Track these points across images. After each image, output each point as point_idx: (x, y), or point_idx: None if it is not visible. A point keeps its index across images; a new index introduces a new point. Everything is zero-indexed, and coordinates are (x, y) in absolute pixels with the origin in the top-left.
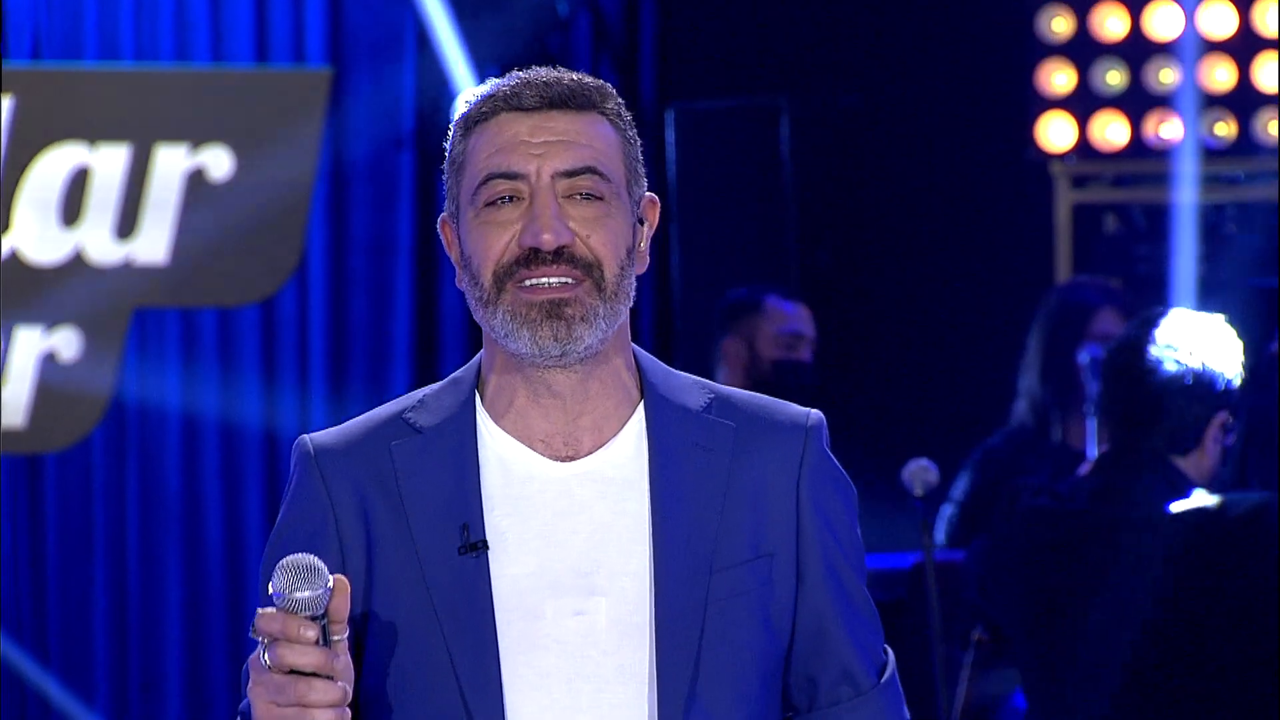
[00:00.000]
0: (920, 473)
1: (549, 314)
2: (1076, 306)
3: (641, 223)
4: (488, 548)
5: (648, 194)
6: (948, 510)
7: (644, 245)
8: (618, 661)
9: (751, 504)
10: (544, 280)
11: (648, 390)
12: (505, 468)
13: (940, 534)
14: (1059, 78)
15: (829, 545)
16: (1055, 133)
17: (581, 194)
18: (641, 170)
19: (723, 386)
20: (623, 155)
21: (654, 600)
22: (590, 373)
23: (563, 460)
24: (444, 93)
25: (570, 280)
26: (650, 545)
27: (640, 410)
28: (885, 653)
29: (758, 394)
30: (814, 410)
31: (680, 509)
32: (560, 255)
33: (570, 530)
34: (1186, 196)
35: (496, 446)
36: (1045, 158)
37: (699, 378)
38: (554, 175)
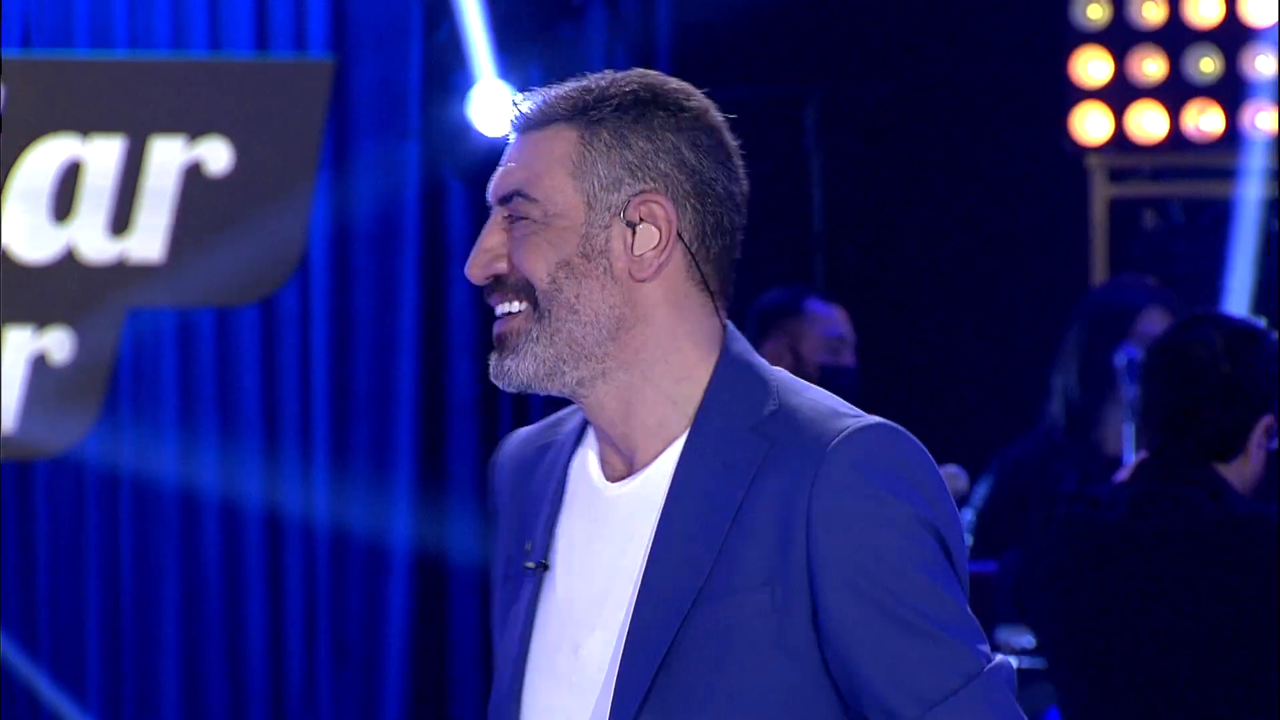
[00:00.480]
0: (949, 480)
1: (494, 347)
2: (1120, 306)
3: (633, 226)
4: (547, 569)
5: (641, 193)
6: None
7: (643, 250)
8: (596, 700)
9: (764, 528)
10: (497, 311)
11: (704, 402)
12: (579, 486)
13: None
14: (1095, 67)
15: (848, 576)
16: (1091, 124)
17: (514, 217)
18: (627, 172)
19: (803, 396)
20: (576, 165)
21: (625, 637)
22: (597, 394)
23: (614, 480)
24: (451, 84)
25: (512, 309)
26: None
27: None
28: (950, 678)
29: (829, 404)
30: (854, 428)
31: (681, 534)
32: (499, 284)
33: (596, 557)
34: (1252, 191)
35: (583, 464)
36: (1080, 151)
37: (793, 386)
38: (492, 204)
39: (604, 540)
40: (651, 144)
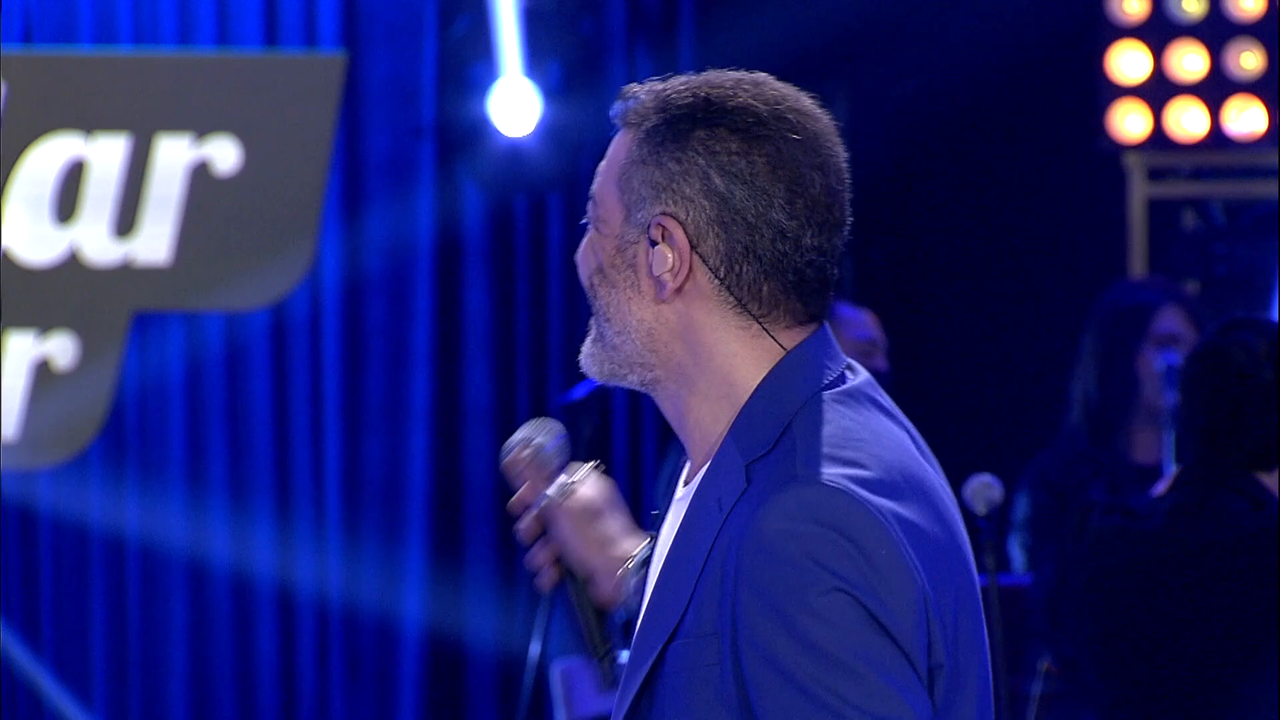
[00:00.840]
0: (983, 490)
1: None
2: (1135, 306)
3: (653, 245)
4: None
5: (662, 214)
6: (1015, 539)
7: (659, 271)
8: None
9: (718, 573)
10: None
11: (733, 426)
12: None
13: (1016, 561)
14: (1132, 62)
15: (760, 639)
16: (1129, 122)
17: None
18: (653, 190)
19: (801, 438)
20: (622, 172)
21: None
22: (659, 397)
23: (687, 483)
24: (468, 80)
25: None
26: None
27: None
28: None
29: (812, 452)
30: (791, 488)
31: (678, 561)
32: None
33: (655, 564)
34: None
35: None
36: (1118, 149)
37: (811, 424)
38: None
39: (662, 543)
40: (680, 166)
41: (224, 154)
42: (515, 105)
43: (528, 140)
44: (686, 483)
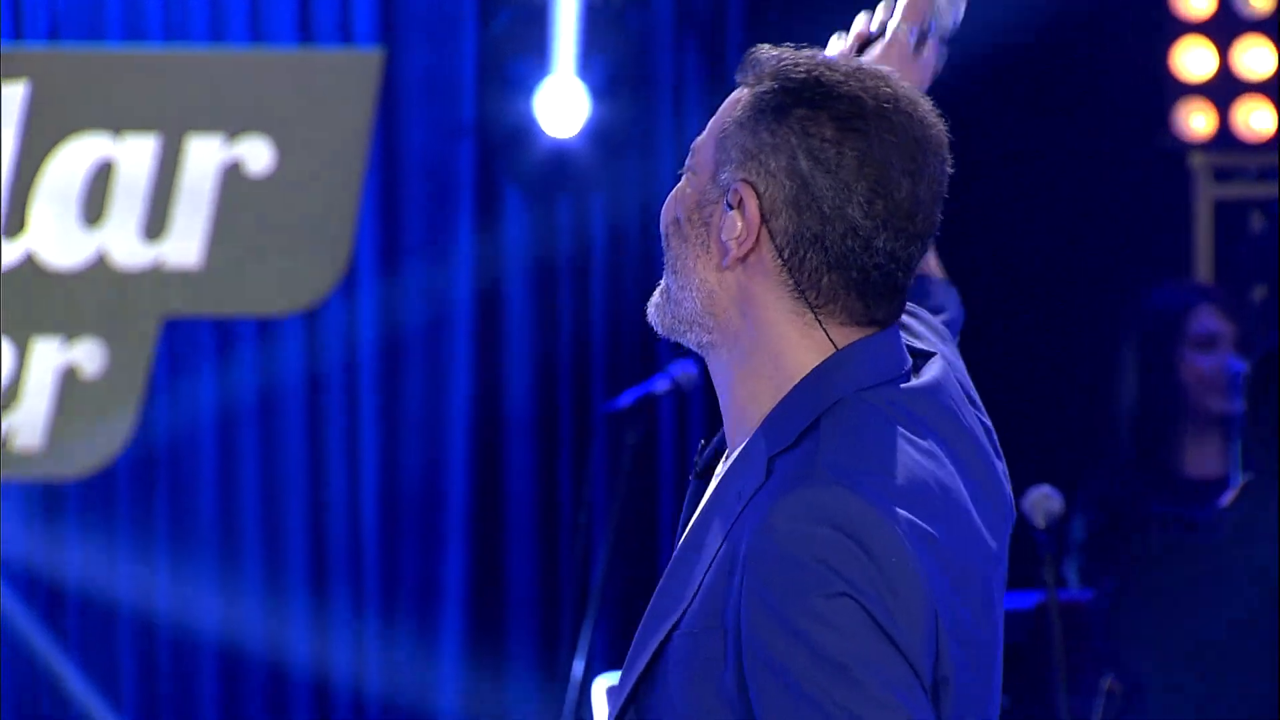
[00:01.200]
0: (1042, 501)
1: None
2: (1168, 310)
3: (730, 209)
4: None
5: (744, 181)
6: (1071, 562)
7: (727, 237)
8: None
9: (726, 569)
10: None
11: (769, 416)
12: None
13: (1072, 579)
14: (1197, 59)
15: (760, 641)
16: (1193, 121)
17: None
18: (742, 155)
19: (826, 439)
20: (723, 130)
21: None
22: (711, 363)
23: (726, 459)
24: (509, 77)
25: None
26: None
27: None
28: None
29: (831, 456)
30: (802, 487)
31: (691, 549)
32: None
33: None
34: None
35: None
36: (1182, 148)
37: (841, 426)
38: None
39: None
40: (772, 139)
41: (257, 154)
42: (563, 105)
43: (572, 141)
44: (725, 460)
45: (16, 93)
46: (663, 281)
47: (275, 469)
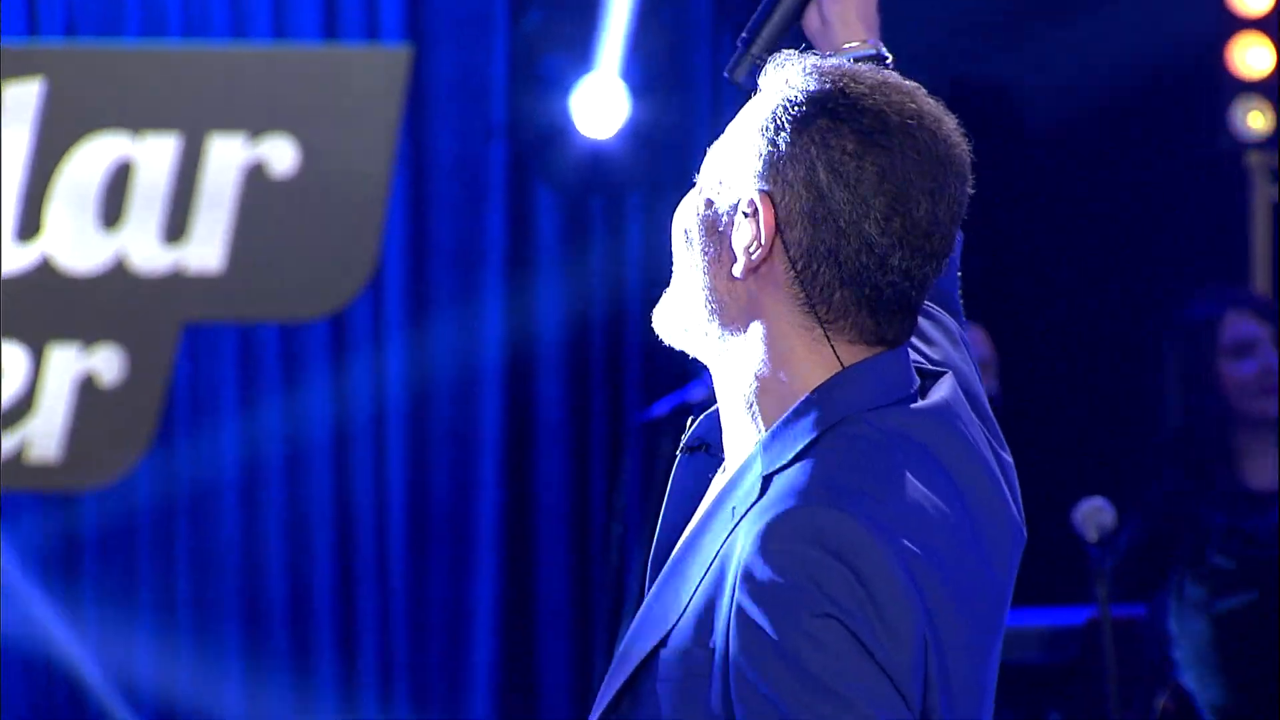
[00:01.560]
0: (1094, 514)
1: None
2: (1199, 321)
3: (746, 217)
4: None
5: (758, 190)
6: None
7: (740, 243)
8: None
9: (716, 587)
10: None
11: (770, 434)
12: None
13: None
14: (1255, 56)
15: (749, 659)
16: (1251, 119)
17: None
18: (759, 164)
19: (822, 458)
20: (742, 136)
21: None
22: (714, 373)
23: (726, 470)
24: (541, 76)
25: None
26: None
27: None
28: None
29: (824, 478)
30: (792, 508)
31: (681, 564)
32: None
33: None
34: None
35: None
36: (1239, 147)
37: (838, 444)
38: None
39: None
40: (792, 149)
41: (280, 154)
42: (602, 104)
43: (607, 141)
44: (725, 471)
45: (32, 91)
46: (671, 288)
47: (299, 479)
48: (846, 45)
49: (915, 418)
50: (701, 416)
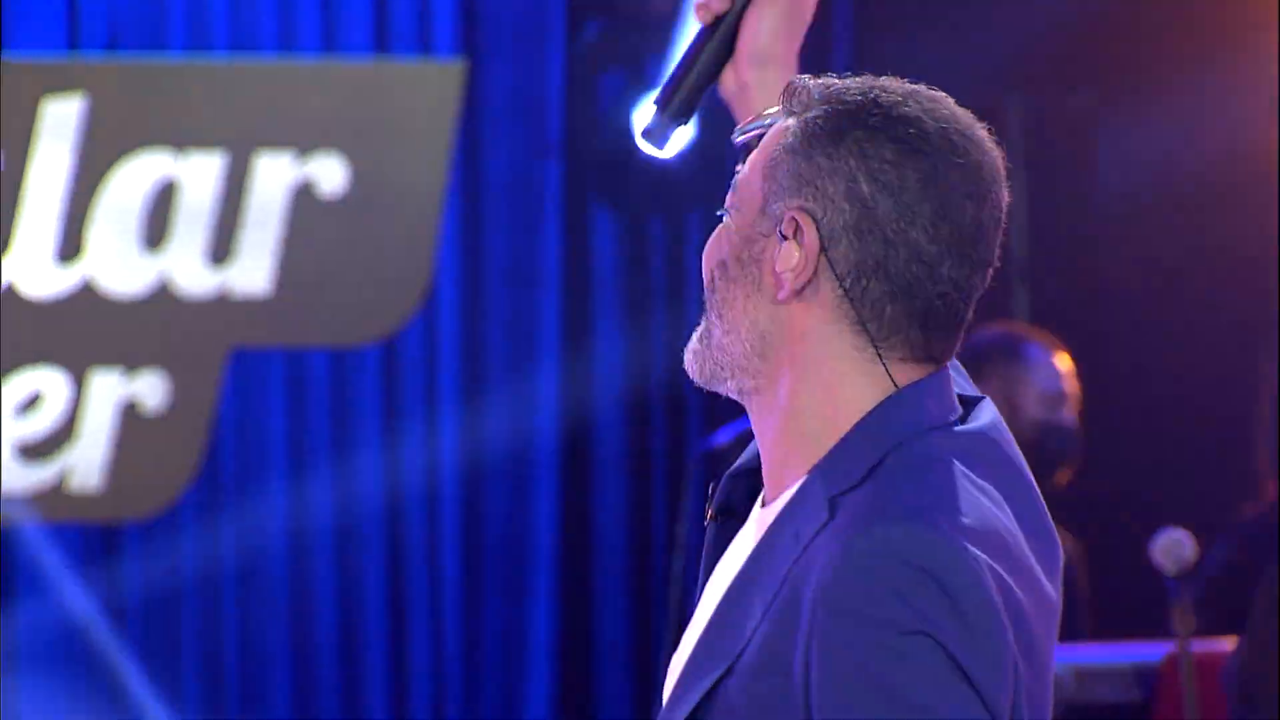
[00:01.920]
0: (1173, 547)
1: None
2: None
3: (784, 240)
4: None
5: (800, 208)
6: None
7: (783, 268)
8: None
9: (792, 611)
10: None
11: (827, 456)
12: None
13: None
14: None
15: (834, 683)
16: None
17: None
18: (795, 183)
19: (898, 480)
20: (771, 160)
21: (675, 679)
22: (753, 408)
23: (765, 504)
24: (600, 93)
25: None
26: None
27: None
28: None
29: (904, 500)
30: (876, 526)
31: (741, 593)
32: None
33: (712, 588)
34: None
35: None
36: None
37: (912, 463)
38: None
39: (724, 568)
40: (830, 162)
41: (329, 173)
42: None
43: (667, 160)
44: (764, 505)
45: (72, 108)
46: (701, 327)
47: (349, 508)
48: (769, 112)
49: (968, 439)
50: (721, 480)
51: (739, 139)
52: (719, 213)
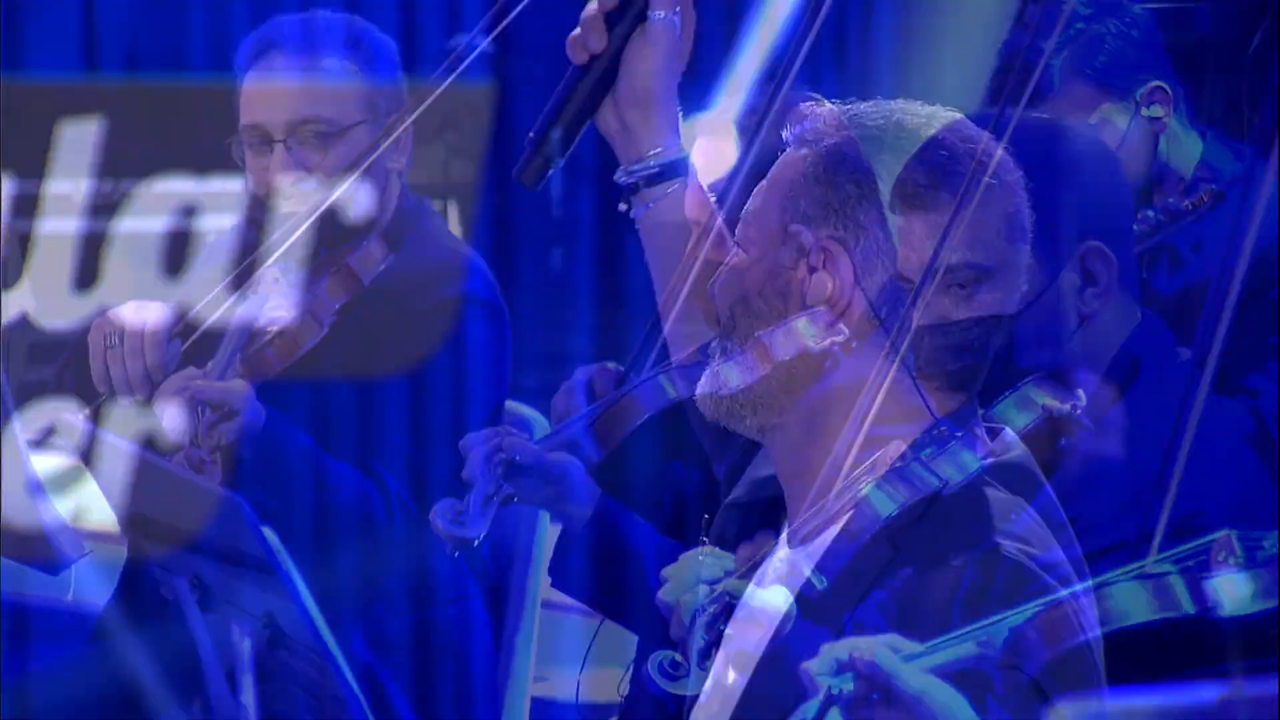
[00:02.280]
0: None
1: None
2: None
3: (813, 271)
4: None
5: (827, 239)
6: None
7: (815, 301)
8: None
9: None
10: None
11: (871, 491)
12: None
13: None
14: None
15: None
16: None
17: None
18: (823, 212)
19: (976, 503)
20: (789, 190)
21: None
22: (776, 446)
23: (792, 541)
24: None
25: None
26: None
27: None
28: None
29: (990, 516)
30: (987, 550)
31: (797, 638)
32: None
33: (734, 634)
34: None
35: None
36: None
37: (967, 492)
38: None
39: (753, 611)
40: (859, 189)
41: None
42: (712, 146)
43: (716, 182)
44: (789, 543)
45: (90, 130)
46: (714, 366)
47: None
48: (651, 152)
49: (1009, 468)
50: (713, 518)
51: (625, 180)
52: (728, 248)
